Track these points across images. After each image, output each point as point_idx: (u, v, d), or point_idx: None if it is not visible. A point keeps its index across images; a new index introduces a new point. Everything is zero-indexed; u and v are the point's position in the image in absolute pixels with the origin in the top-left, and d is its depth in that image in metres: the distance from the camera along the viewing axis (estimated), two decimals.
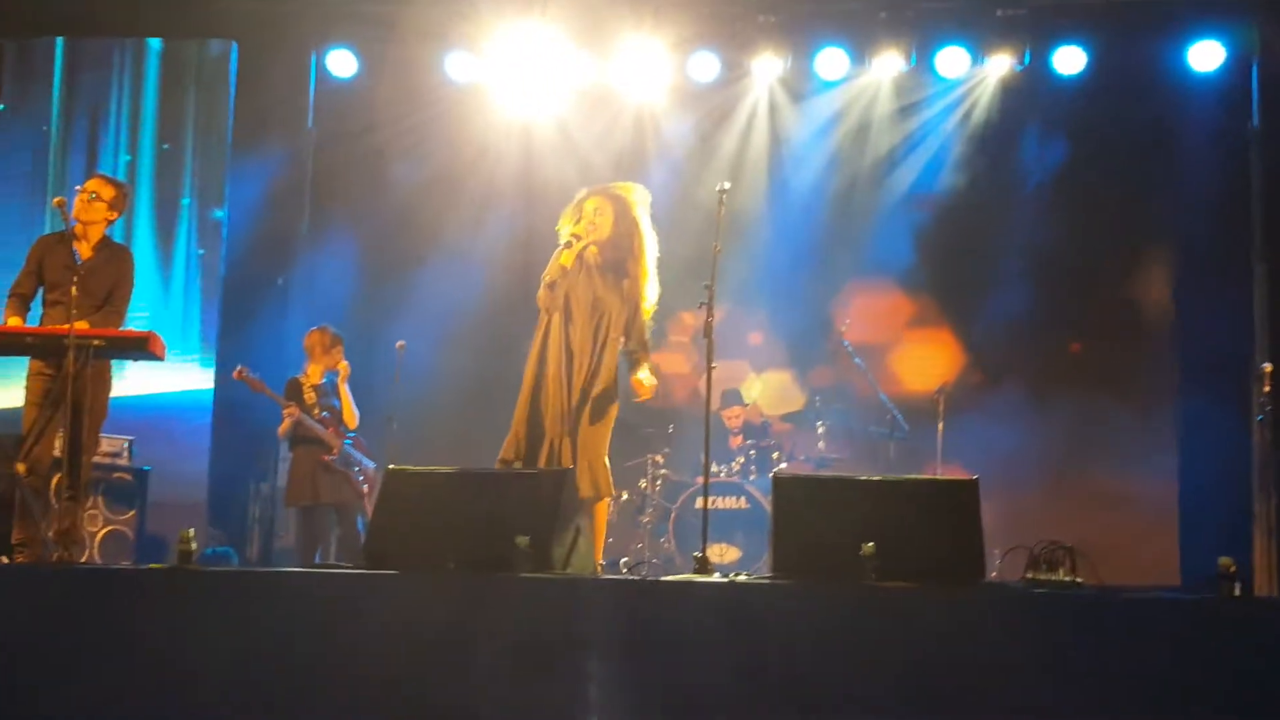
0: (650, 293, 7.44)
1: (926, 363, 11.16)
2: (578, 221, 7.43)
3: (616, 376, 7.36)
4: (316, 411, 9.44)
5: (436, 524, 6.08)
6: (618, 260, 7.42)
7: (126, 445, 9.62)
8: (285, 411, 9.38)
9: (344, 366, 9.57)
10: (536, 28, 10.89)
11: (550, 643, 5.37)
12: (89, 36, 11.34)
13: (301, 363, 9.72)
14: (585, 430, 7.21)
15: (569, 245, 7.33)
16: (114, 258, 7.66)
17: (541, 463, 7.15)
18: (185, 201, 11.24)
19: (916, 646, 5.23)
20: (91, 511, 9.21)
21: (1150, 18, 10.79)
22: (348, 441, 9.48)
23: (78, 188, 7.64)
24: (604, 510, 7.43)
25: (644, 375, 7.35)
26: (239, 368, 9.46)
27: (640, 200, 7.51)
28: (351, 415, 9.56)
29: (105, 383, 7.53)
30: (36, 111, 11.25)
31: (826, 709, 5.17)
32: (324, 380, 9.60)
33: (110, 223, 7.70)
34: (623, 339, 7.37)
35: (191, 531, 5.99)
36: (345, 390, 9.58)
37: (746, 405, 10.65)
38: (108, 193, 7.63)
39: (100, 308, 7.48)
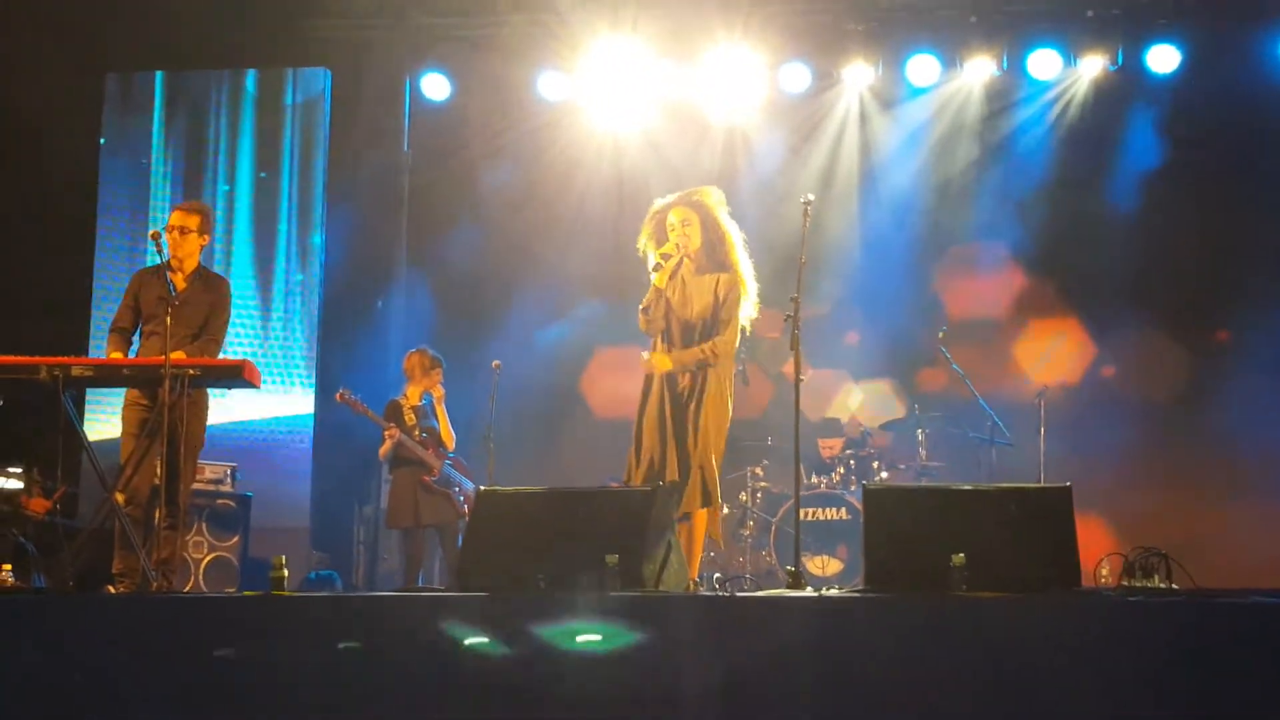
0: (751, 291, 7.39)
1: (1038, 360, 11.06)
2: (663, 239, 7.41)
3: (728, 386, 7.34)
4: (416, 433, 9.48)
5: (528, 544, 6.10)
6: (715, 266, 7.39)
7: (229, 472, 9.73)
8: (386, 433, 9.42)
9: (439, 390, 9.63)
10: (626, 43, 10.95)
11: (641, 660, 5.35)
12: (187, 69, 11.55)
13: (401, 384, 9.79)
14: (694, 440, 7.21)
15: (659, 267, 7.33)
16: (209, 287, 7.73)
17: (640, 480, 7.15)
18: (283, 228, 11.39)
19: (1007, 658, 5.13)
20: (196, 539, 9.33)
21: (1243, 10, 10.61)
22: (447, 462, 9.54)
23: (163, 229, 7.70)
24: (702, 521, 7.35)
25: (654, 357, 7.28)
26: (341, 390, 9.53)
27: (720, 201, 7.48)
28: (449, 436, 9.61)
29: (202, 411, 7.61)
30: (136, 144, 11.46)
31: None
32: (422, 402, 9.66)
33: (204, 247, 7.77)
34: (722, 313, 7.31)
35: (284, 558, 6.06)
36: (442, 411, 9.64)
37: (845, 438, 10.50)
38: (192, 221, 7.69)
39: (196, 337, 7.55)
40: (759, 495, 10.27)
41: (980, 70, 11.01)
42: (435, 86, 11.56)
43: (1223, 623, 5.21)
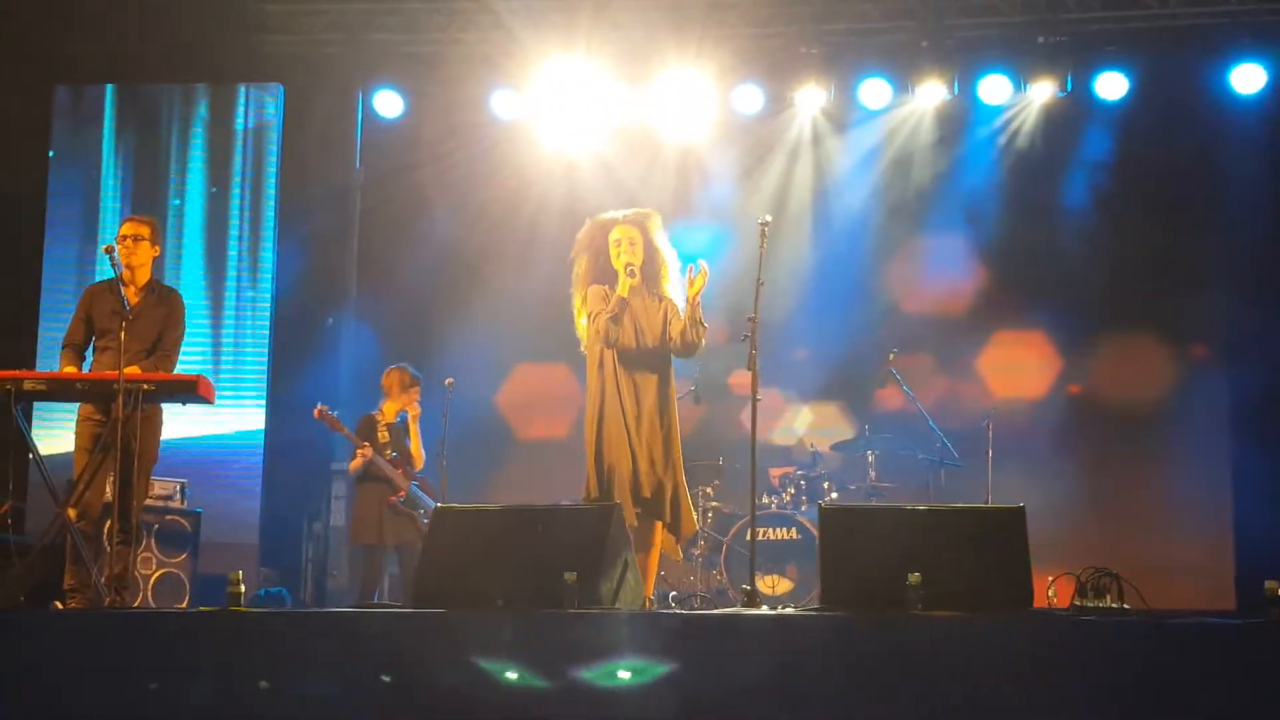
0: (680, 306, 7.49)
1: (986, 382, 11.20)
2: (600, 254, 7.51)
3: (674, 401, 7.44)
4: (388, 451, 9.44)
5: (485, 561, 6.10)
6: (650, 285, 7.51)
7: (179, 488, 9.66)
8: (359, 449, 9.38)
9: (415, 408, 9.59)
10: (579, 63, 10.97)
11: (597, 678, 5.36)
12: (138, 83, 11.48)
13: (377, 400, 9.70)
14: (669, 460, 7.30)
15: (631, 274, 7.37)
16: (162, 301, 7.65)
17: (617, 497, 7.16)
18: (234, 245, 11.33)
19: (964, 676, 5.19)
20: (145, 555, 9.23)
21: (1191, 41, 10.80)
22: (414, 483, 9.51)
23: (115, 241, 7.60)
24: (658, 539, 7.40)
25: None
26: (319, 406, 9.46)
27: (659, 224, 7.60)
28: (419, 456, 9.58)
29: (156, 427, 7.53)
30: (86, 157, 11.38)
31: None
32: (397, 420, 9.63)
33: (155, 259, 7.70)
34: (672, 343, 7.43)
35: (240, 574, 6.03)
36: (416, 431, 9.61)
37: (793, 469, 10.55)
38: (144, 230, 7.60)
39: (151, 351, 7.48)
40: (710, 515, 10.30)
41: (932, 94, 11.12)
42: (388, 103, 11.55)
43: (1174, 644, 5.29)
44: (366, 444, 9.37)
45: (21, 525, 9.49)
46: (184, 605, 9.08)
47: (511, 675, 5.35)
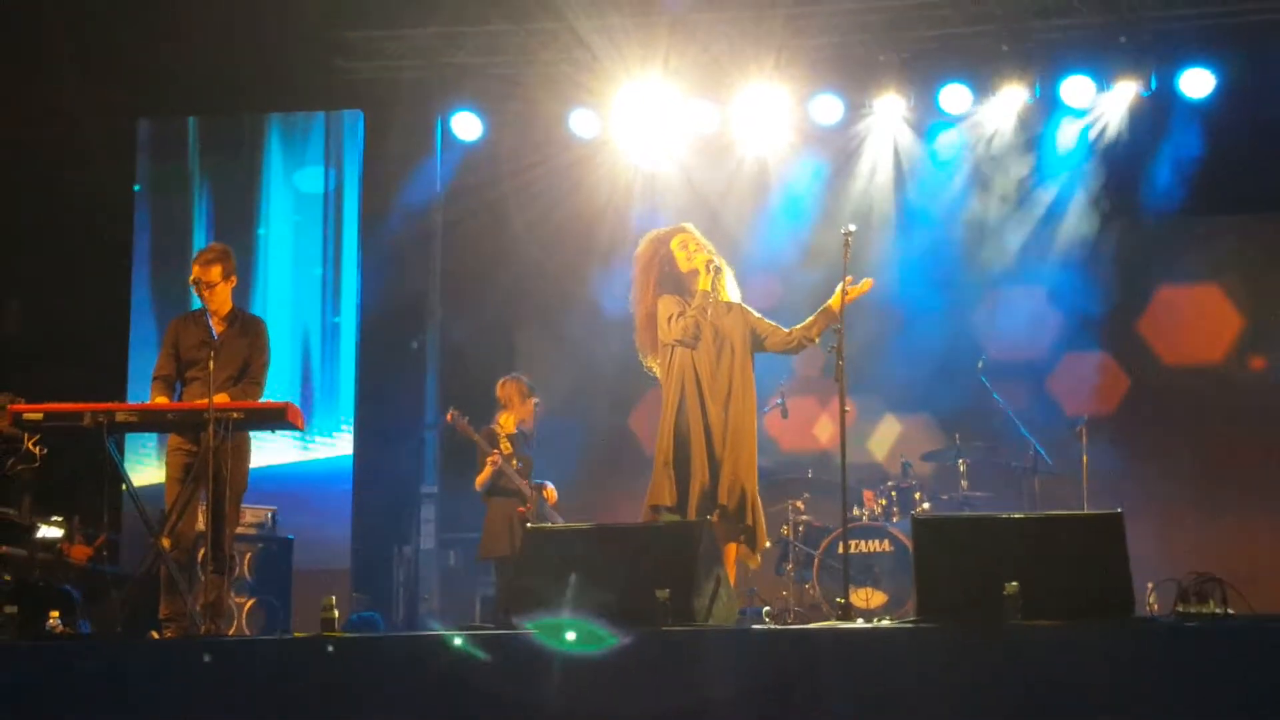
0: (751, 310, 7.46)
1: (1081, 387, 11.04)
2: (667, 267, 7.44)
3: (754, 409, 7.35)
4: (514, 462, 9.34)
5: (576, 581, 6.07)
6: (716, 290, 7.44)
7: (270, 515, 9.73)
8: (489, 459, 9.23)
9: (530, 421, 9.48)
10: (658, 80, 10.97)
11: (696, 696, 5.32)
12: (221, 114, 11.63)
13: (494, 413, 9.60)
14: (748, 469, 7.22)
15: (714, 270, 7.34)
16: (246, 329, 7.70)
17: (693, 503, 7.09)
18: (318, 271, 11.43)
19: (1065, 685, 5.10)
20: (239, 582, 9.32)
21: (1276, 35, 10.54)
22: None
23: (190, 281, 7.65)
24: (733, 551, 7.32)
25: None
26: (451, 410, 9.35)
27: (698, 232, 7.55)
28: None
29: (245, 455, 7.58)
30: (171, 189, 11.53)
31: None
32: (517, 430, 9.49)
33: (232, 287, 7.73)
34: (767, 341, 7.37)
35: (333, 599, 6.04)
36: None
37: (887, 490, 10.39)
38: (213, 273, 7.61)
39: (237, 380, 7.53)
40: (800, 529, 10.21)
41: (1013, 98, 10.99)
42: (466, 126, 11.61)
43: (1275, 645, 5.16)
44: (496, 452, 9.25)
45: (117, 556, 9.63)
46: (277, 633, 9.13)
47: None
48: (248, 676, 5.70)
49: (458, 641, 5.54)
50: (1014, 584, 5.47)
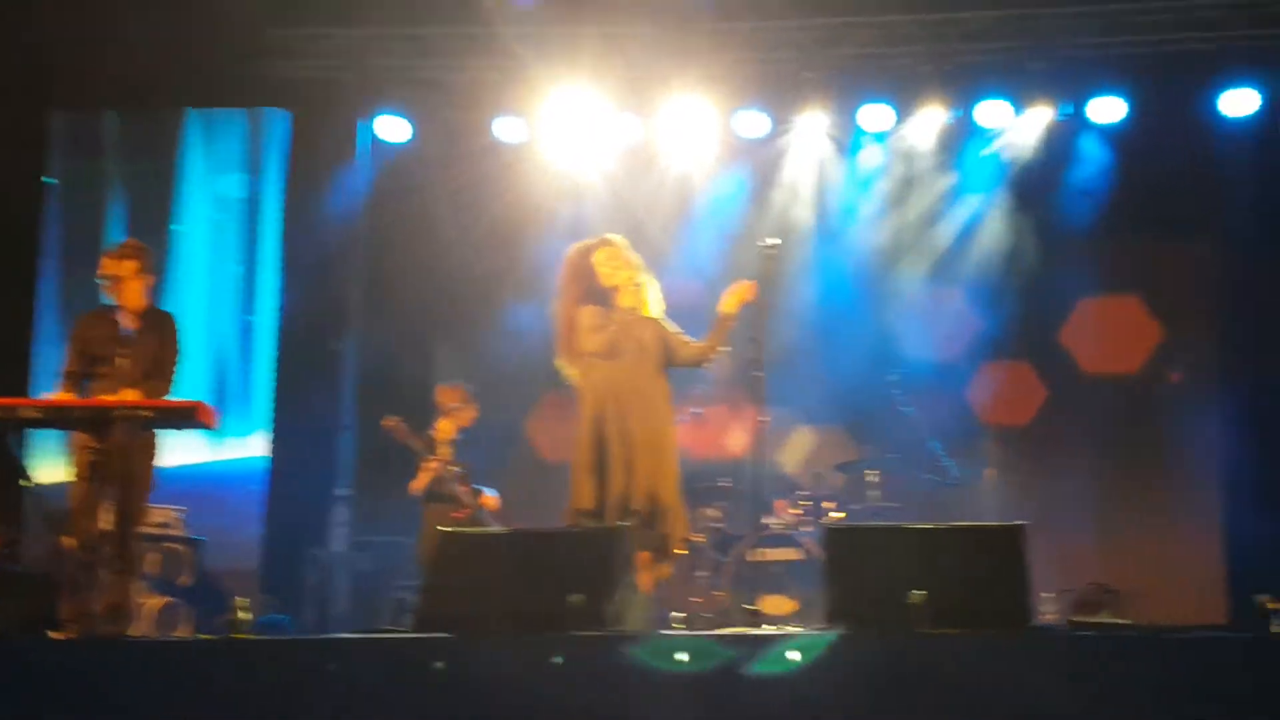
0: (668, 323, 7.58)
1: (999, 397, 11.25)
2: (588, 280, 7.55)
3: (671, 418, 7.46)
4: (452, 468, 9.39)
5: (490, 585, 6.08)
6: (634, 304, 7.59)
7: (179, 516, 9.63)
8: (426, 465, 9.25)
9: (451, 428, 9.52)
10: (584, 90, 11.00)
11: (607, 700, 5.35)
12: (140, 110, 11.51)
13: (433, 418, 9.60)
14: (665, 477, 7.31)
15: (636, 285, 7.45)
16: (157, 326, 7.58)
17: (610, 509, 7.21)
18: (236, 269, 11.35)
19: (965, 694, 5.19)
20: (143, 584, 9.20)
21: (1184, 66, 10.87)
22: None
23: (101, 276, 7.55)
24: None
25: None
26: (389, 417, 9.31)
27: (625, 243, 7.66)
28: None
29: (151, 454, 7.46)
30: (86, 183, 11.40)
31: None
32: (458, 437, 9.50)
33: (150, 286, 7.65)
34: (677, 355, 7.48)
35: (244, 600, 6.00)
36: None
37: (798, 500, 10.48)
38: (126, 268, 7.53)
39: (148, 377, 7.40)
40: (713, 536, 10.27)
41: (933, 118, 11.19)
42: (393, 129, 11.58)
43: (1170, 658, 5.31)
44: (435, 459, 9.24)
45: (18, 555, 9.48)
46: (184, 633, 9.05)
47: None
48: (151, 678, 5.64)
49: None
50: (920, 593, 5.55)
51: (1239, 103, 10.80)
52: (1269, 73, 10.76)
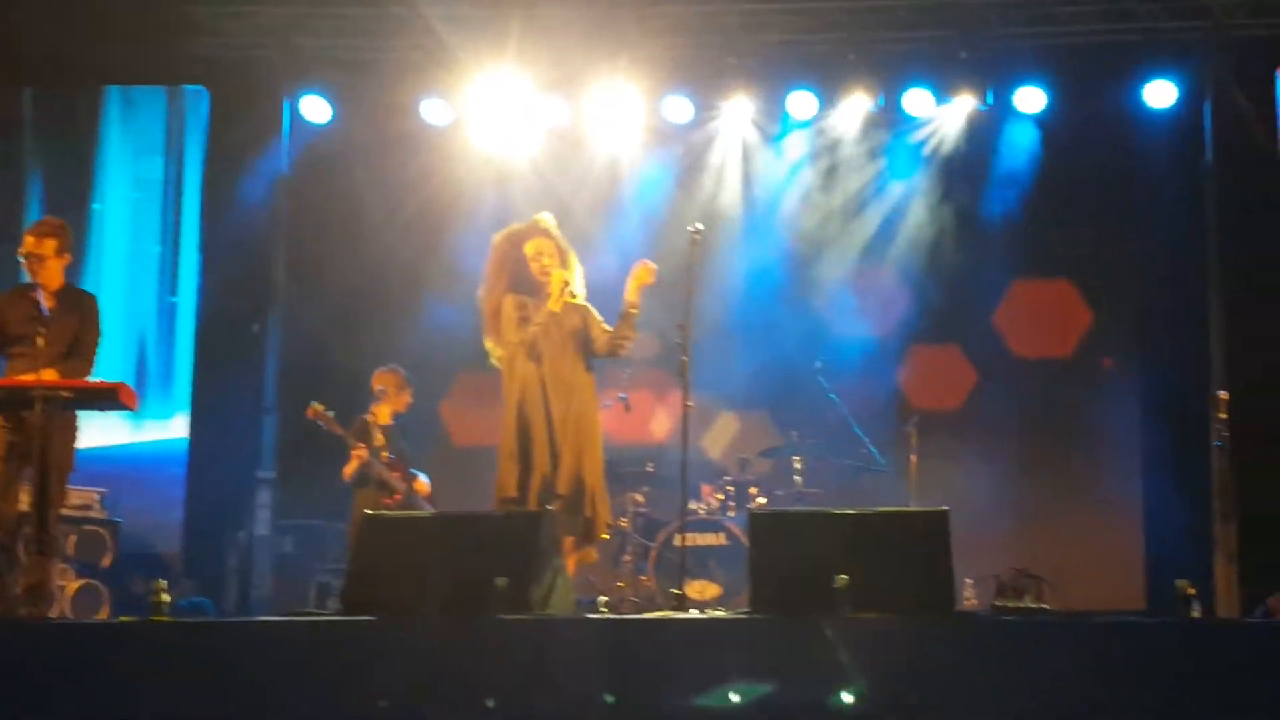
0: (594, 310, 7.61)
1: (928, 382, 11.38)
2: (520, 272, 7.57)
3: (596, 404, 7.53)
4: (384, 454, 9.30)
5: (415, 569, 6.07)
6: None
7: (98, 498, 9.52)
8: (354, 452, 9.20)
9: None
10: (510, 72, 10.96)
11: (527, 683, 5.36)
12: (58, 86, 11.32)
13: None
14: (589, 463, 7.35)
15: (569, 294, 7.47)
16: (77, 305, 7.45)
17: (533, 494, 7.24)
18: (156, 249, 11.22)
19: (889, 678, 5.24)
20: (62, 566, 9.10)
21: (1106, 57, 11.02)
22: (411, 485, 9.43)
23: (22, 254, 7.40)
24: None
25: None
26: (313, 405, 9.23)
27: (556, 227, 7.67)
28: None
29: (71, 434, 7.34)
30: (4, 163, 11.21)
31: None
32: (393, 422, 9.50)
33: (66, 265, 7.52)
34: (595, 344, 7.50)
35: (164, 583, 5.96)
36: None
37: (724, 485, 10.51)
38: (47, 247, 7.40)
39: (67, 356, 7.27)
40: (638, 521, 10.32)
41: (858, 106, 11.24)
42: (315, 109, 11.46)
43: (1091, 642, 5.40)
44: (362, 445, 9.21)
45: None
46: (103, 616, 8.96)
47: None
48: (70, 661, 5.58)
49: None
50: (844, 578, 5.60)
51: (1161, 94, 10.94)
52: (1188, 65, 10.91)
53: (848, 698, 5.19)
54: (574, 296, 7.55)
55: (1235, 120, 10.66)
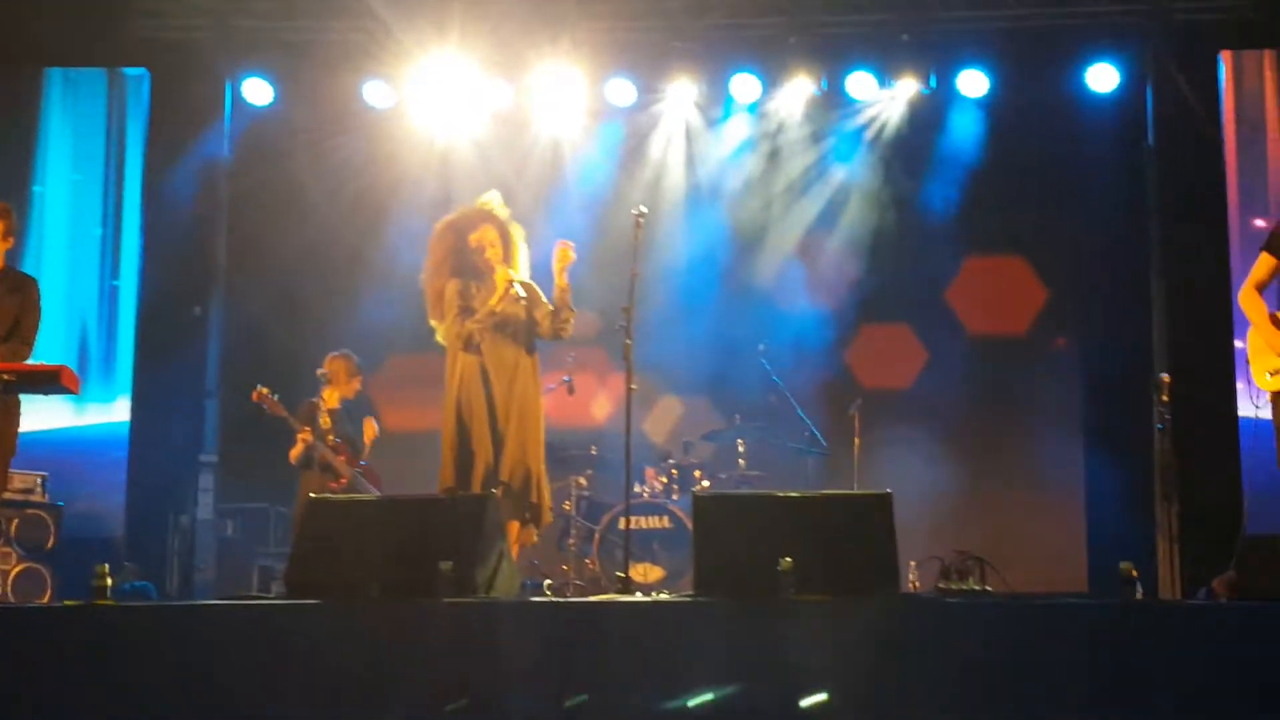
0: (539, 290, 7.62)
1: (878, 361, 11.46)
2: (463, 261, 7.58)
3: (538, 389, 7.52)
4: (330, 438, 9.32)
5: (360, 552, 6.07)
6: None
7: (40, 481, 9.46)
8: (299, 435, 9.23)
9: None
10: (452, 54, 10.93)
11: (476, 666, 5.38)
12: None
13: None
14: (532, 448, 7.35)
15: (515, 295, 7.49)
16: (17, 287, 7.38)
17: (477, 480, 7.27)
18: (98, 232, 11.12)
19: (833, 659, 5.28)
20: (4, 550, 9.05)
21: (1049, 41, 11.09)
22: (358, 470, 9.42)
23: None
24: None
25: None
26: (258, 388, 9.26)
27: (502, 208, 7.69)
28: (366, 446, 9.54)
29: (14, 418, 7.28)
30: None
31: None
32: (340, 407, 9.52)
33: (7, 247, 7.45)
34: (540, 328, 7.53)
35: (106, 567, 5.92)
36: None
37: (668, 468, 10.53)
38: None
39: (6, 339, 7.23)
40: (582, 504, 10.35)
41: (800, 89, 11.28)
42: (257, 91, 11.39)
43: (1034, 624, 5.45)
44: (307, 429, 9.22)
45: None
46: (46, 600, 8.91)
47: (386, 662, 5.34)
48: (12, 645, 5.56)
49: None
50: (788, 560, 5.64)
51: (1103, 78, 11.02)
52: (1130, 49, 11.00)
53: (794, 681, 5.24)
54: (517, 296, 7.53)
55: (1177, 104, 10.76)
